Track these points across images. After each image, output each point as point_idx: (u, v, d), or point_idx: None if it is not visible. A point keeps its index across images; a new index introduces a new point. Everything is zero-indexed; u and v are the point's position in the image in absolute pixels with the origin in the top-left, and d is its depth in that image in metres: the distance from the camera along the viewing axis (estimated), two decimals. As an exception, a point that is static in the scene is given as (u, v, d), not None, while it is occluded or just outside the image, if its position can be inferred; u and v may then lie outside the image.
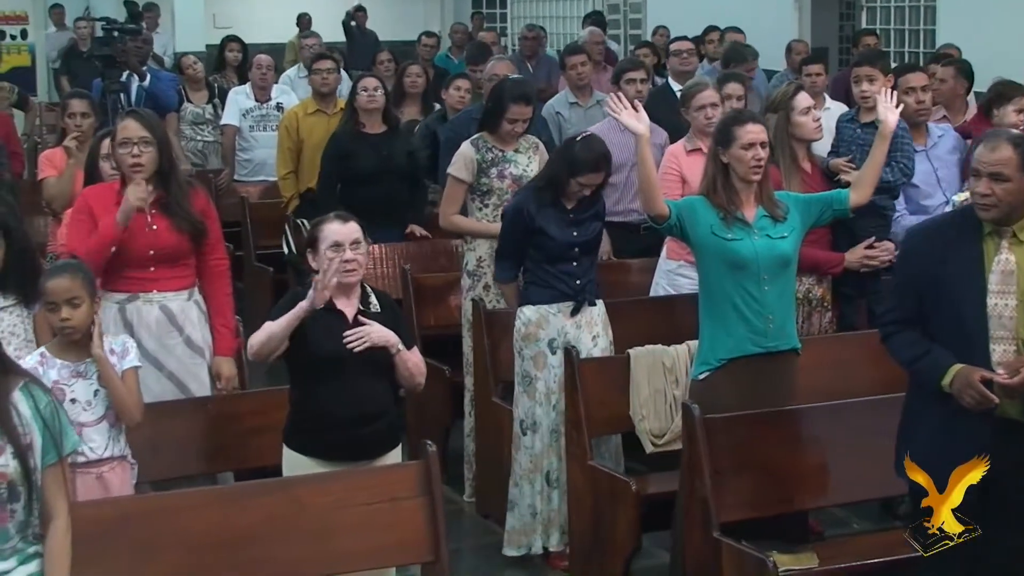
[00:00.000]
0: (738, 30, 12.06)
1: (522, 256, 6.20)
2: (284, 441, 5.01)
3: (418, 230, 8.27)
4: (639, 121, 5.50)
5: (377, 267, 8.15)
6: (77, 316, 4.80)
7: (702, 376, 5.47)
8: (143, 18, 13.96)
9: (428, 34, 13.67)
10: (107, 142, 6.11)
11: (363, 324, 4.91)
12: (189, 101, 11.10)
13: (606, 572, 5.76)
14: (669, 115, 7.65)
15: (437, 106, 10.22)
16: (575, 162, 6.00)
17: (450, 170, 6.97)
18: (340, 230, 4.93)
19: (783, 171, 6.42)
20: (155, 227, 5.61)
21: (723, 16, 12.59)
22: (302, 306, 4.80)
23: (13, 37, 19.31)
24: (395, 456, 5.07)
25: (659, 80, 10.23)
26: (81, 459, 4.85)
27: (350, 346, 4.84)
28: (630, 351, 6.11)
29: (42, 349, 4.94)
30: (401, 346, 4.96)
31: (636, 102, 5.67)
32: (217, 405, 5.60)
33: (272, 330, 4.86)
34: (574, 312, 6.12)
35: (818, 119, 6.52)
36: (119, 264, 5.56)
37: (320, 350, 4.87)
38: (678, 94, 7.74)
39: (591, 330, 6.17)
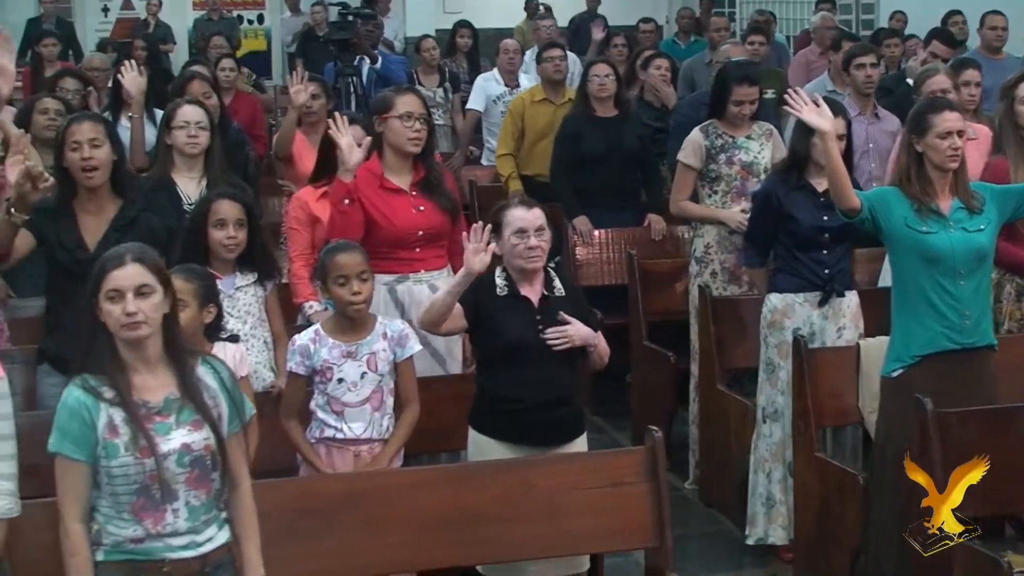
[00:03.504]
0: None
1: (769, 242, 6.13)
2: (470, 423, 5.04)
3: (655, 225, 8.17)
4: (822, 117, 5.24)
5: (603, 252, 8.18)
6: (366, 291, 4.93)
7: (895, 373, 5.29)
8: (376, 2, 14.23)
9: (646, 20, 13.70)
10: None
11: (552, 312, 4.92)
12: (420, 84, 11.20)
13: (832, 566, 5.68)
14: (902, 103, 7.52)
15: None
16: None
17: (679, 156, 7.00)
18: (525, 216, 4.92)
19: (1011, 161, 6.23)
20: (421, 208, 5.69)
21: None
22: (461, 272, 4.79)
23: (250, 22, 19.83)
24: (580, 445, 5.07)
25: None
26: (339, 436, 4.98)
27: (550, 343, 4.86)
28: (860, 342, 6.00)
29: (316, 327, 5.06)
30: (599, 339, 4.97)
31: (816, 96, 5.41)
32: (448, 385, 5.63)
33: (434, 298, 4.93)
34: (822, 302, 6.05)
35: None
36: (387, 245, 5.63)
37: (508, 336, 4.89)
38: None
39: (837, 322, 6.07)
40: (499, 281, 4.96)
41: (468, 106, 10.64)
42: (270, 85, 15.90)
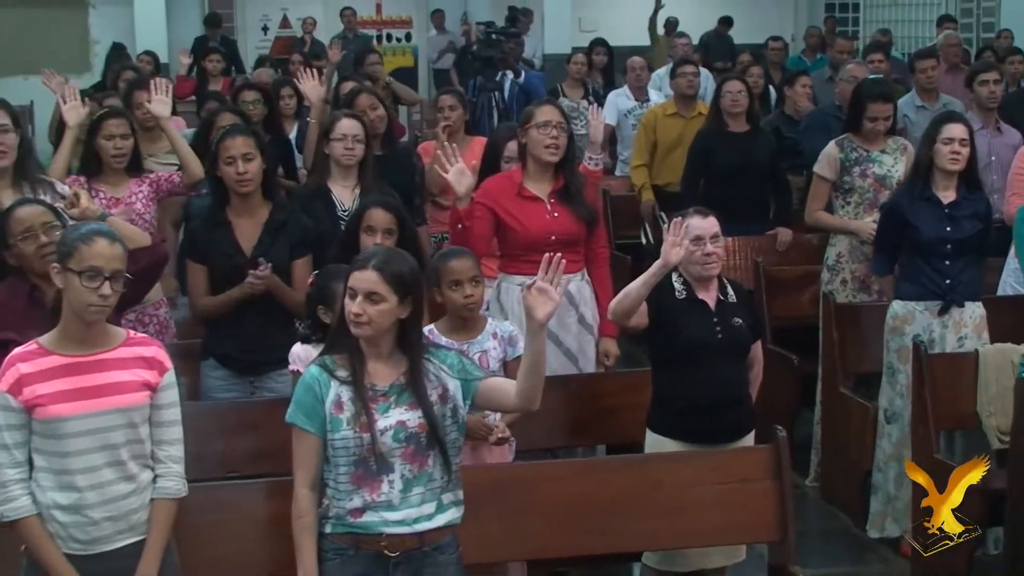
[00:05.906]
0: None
1: (895, 250, 6.07)
2: (648, 425, 5.03)
3: (781, 237, 7.97)
4: None
5: (730, 259, 8.06)
6: (478, 294, 4.97)
7: None
8: (518, 21, 14.27)
9: (775, 38, 13.63)
10: (512, 144, 6.24)
11: (728, 315, 4.93)
12: (564, 95, 11.16)
13: (948, 562, 5.58)
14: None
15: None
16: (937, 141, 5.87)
17: (815, 168, 6.98)
18: (701, 224, 4.94)
19: None
20: (556, 215, 5.68)
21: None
22: (657, 264, 4.75)
23: (399, 40, 20.06)
24: (749, 440, 5.05)
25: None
26: None
27: None
28: (979, 348, 5.91)
29: (431, 327, 5.06)
30: None
31: None
32: (579, 384, 5.62)
33: (627, 289, 4.87)
34: (942, 311, 5.96)
35: None
36: (521, 248, 5.64)
37: (687, 336, 4.89)
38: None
39: (958, 331, 5.98)
40: (677, 285, 4.97)
41: None
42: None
